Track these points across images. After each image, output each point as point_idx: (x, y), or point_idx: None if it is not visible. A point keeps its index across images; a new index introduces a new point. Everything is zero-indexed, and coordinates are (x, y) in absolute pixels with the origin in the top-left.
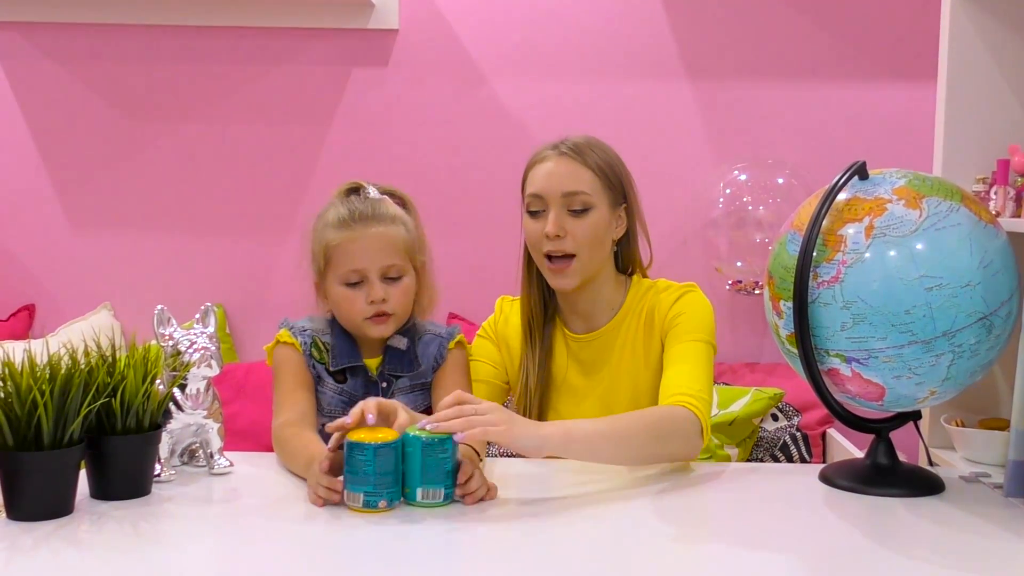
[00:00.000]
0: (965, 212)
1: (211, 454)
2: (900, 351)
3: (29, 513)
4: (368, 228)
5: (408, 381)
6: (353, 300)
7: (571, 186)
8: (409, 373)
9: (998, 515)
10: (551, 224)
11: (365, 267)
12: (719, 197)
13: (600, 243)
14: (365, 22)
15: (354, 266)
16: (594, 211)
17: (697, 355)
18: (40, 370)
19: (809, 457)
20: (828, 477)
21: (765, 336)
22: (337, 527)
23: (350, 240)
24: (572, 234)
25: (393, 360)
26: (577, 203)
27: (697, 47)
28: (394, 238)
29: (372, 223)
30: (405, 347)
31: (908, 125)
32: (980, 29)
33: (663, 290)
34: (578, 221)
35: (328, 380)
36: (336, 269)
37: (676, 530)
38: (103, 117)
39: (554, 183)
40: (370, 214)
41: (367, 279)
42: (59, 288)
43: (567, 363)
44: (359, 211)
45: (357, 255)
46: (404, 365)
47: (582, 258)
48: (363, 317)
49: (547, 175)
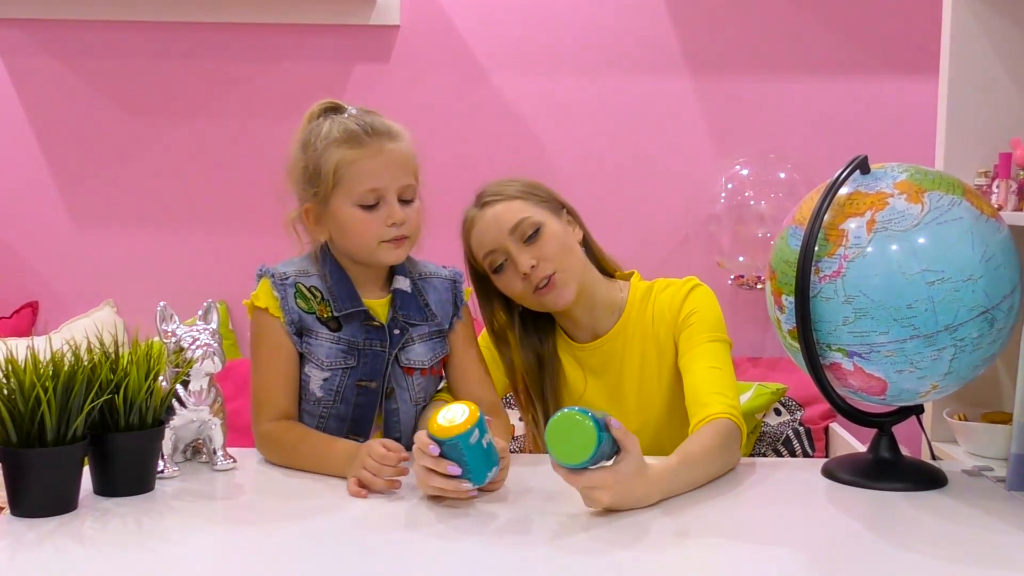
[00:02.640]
0: (967, 206)
1: (214, 450)
2: (902, 345)
3: (33, 510)
4: (384, 143)
5: (426, 328)
6: (370, 223)
7: (511, 220)
8: (422, 322)
9: (1001, 509)
10: (521, 263)
11: (385, 185)
12: (721, 192)
13: (568, 249)
14: (366, 18)
15: (373, 184)
16: (544, 227)
17: (719, 356)
18: (43, 367)
19: (812, 452)
20: (831, 471)
21: (767, 331)
22: (340, 523)
23: (367, 156)
24: (541, 256)
25: (405, 306)
26: (526, 229)
27: (698, 42)
28: (408, 155)
29: (387, 138)
30: (410, 289)
31: (910, 119)
32: (982, 23)
33: (665, 288)
34: (537, 244)
35: (322, 330)
36: (349, 189)
37: (678, 524)
38: (106, 114)
39: (498, 229)
40: (383, 129)
41: (384, 199)
42: (62, 285)
43: (584, 375)
44: (371, 125)
45: (376, 173)
46: (416, 311)
47: (562, 268)
48: (381, 240)
49: (486, 228)
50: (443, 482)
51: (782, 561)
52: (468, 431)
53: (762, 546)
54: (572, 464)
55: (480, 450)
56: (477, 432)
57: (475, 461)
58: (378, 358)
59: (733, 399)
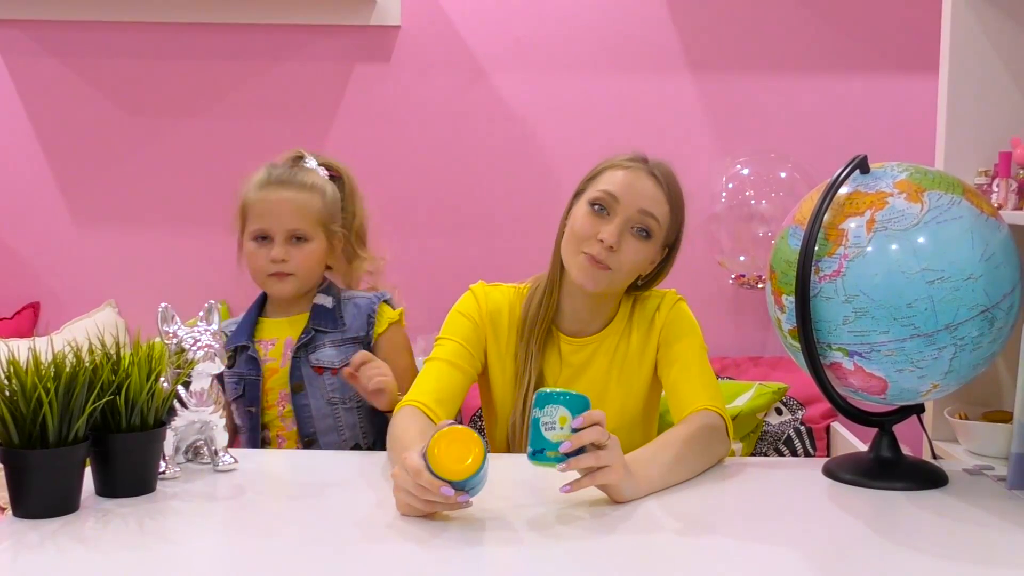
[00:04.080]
0: (967, 205)
1: (215, 451)
2: (902, 344)
3: (35, 511)
4: (280, 192)
5: (338, 335)
6: (257, 256)
7: (650, 207)
8: (335, 328)
9: (1002, 508)
10: (612, 233)
11: (270, 227)
12: (721, 191)
13: (635, 271)
14: (367, 18)
15: (261, 224)
16: (652, 241)
17: (700, 357)
18: (45, 368)
19: (813, 451)
20: (832, 471)
21: (768, 330)
22: (342, 524)
23: (262, 200)
24: (622, 252)
25: (319, 316)
26: (645, 225)
27: (699, 41)
28: (304, 204)
29: (285, 188)
30: (331, 305)
31: (910, 118)
32: (982, 21)
33: (653, 297)
34: (634, 243)
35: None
36: (249, 226)
37: (680, 524)
38: (107, 114)
39: (636, 195)
40: (286, 179)
41: (271, 238)
42: (63, 286)
43: (561, 370)
44: (276, 175)
45: (265, 215)
46: (330, 321)
47: (616, 277)
48: (265, 274)
49: (630, 183)
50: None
51: (783, 560)
52: (479, 470)
53: (763, 545)
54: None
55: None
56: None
57: (475, 484)
58: (254, 386)
59: (717, 395)
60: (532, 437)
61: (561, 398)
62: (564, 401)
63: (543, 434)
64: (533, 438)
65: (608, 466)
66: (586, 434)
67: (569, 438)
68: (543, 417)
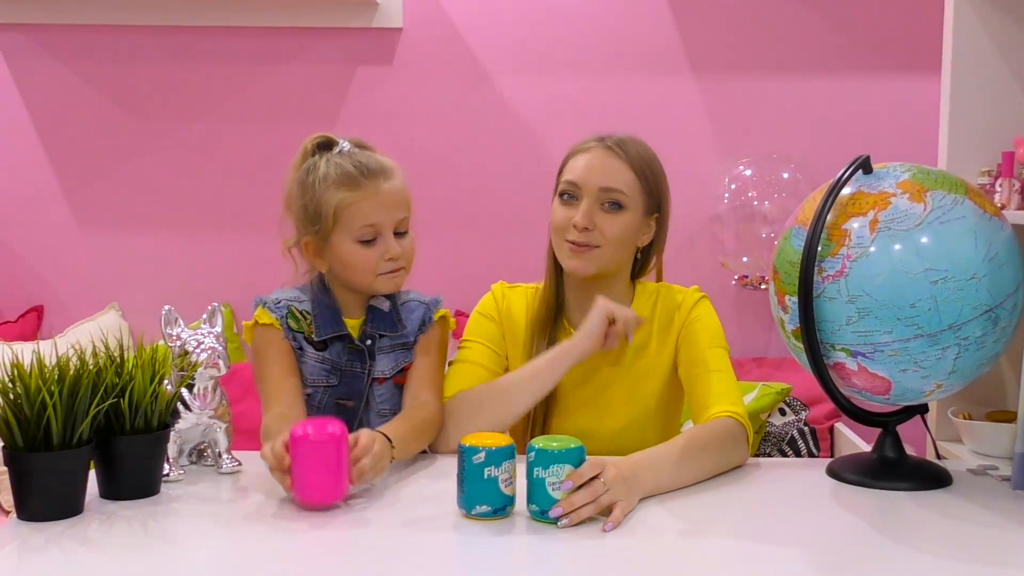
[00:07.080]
0: (970, 205)
1: (219, 453)
2: (906, 344)
3: (39, 513)
4: (379, 183)
5: (389, 341)
6: (369, 257)
7: (610, 182)
8: (392, 333)
9: (1006, 507)
10: (581, 215)
11: (381, 223)
12: (724, 192)
13: (625, 244)
14: (369, 21)
15: (370, 222)
16: (627, 212)
17: (723, 361)
18: (49, 371)
19: (817, 451)
20: (835, 471)
21: (771, 331)
22: (345, 525)
23: (364, 197)
24: (600, 229)
25: (377, 320)
26: (611, 199)
27: (701, 42)
28: (401, 191)
29: (381, 178)
30: (388, 308)
31: (912, 118)
32: (984, 21)
33: (677, 292)
34: (608, 217)
35: (308, 349)
36: (348, 227)
37: (684, 524)
38: (109, 117)
39: (594, 175)
40: (377, 168)
41: (381, 235)
42: (67, 289)
43: None
44: (365, 166)
45: (373, 212)
46: (387, 325)
47: (605, 252)
48: (379, 273)
49: (587, 166)
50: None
51: (787, 560)
52: (478, 449)
53: (767, 545)
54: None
55: (479, 475)
56: (484, 455)
57: (471, 482)
58: (357, 379)
59: (738, 400)
60: (538, 497)
61: (565, 456)
62: (568, 459)
63: (551, 494)
64: (539, 498)
65: (615, 502)
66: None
67: (568, 497)
68: (548, 477)
